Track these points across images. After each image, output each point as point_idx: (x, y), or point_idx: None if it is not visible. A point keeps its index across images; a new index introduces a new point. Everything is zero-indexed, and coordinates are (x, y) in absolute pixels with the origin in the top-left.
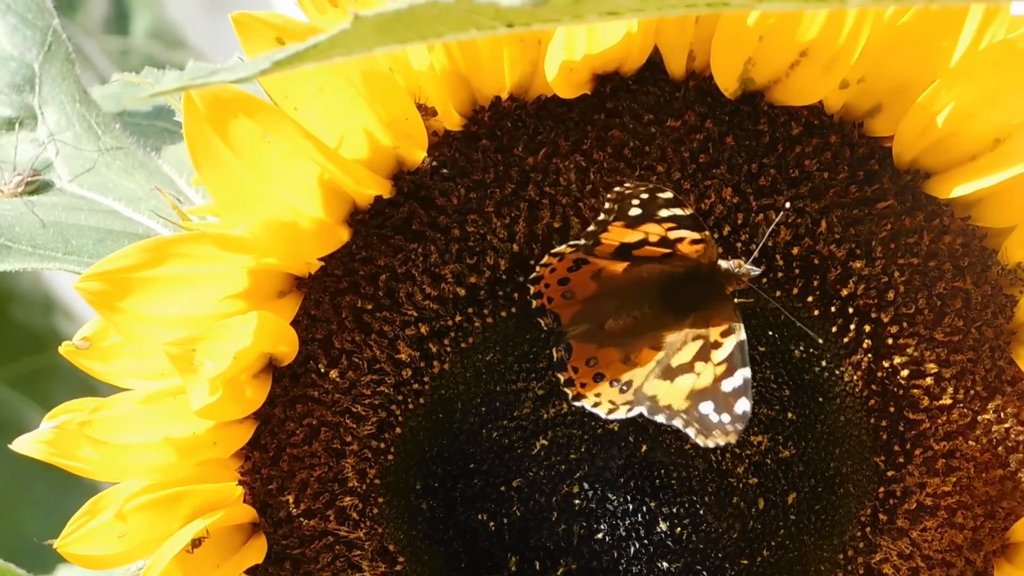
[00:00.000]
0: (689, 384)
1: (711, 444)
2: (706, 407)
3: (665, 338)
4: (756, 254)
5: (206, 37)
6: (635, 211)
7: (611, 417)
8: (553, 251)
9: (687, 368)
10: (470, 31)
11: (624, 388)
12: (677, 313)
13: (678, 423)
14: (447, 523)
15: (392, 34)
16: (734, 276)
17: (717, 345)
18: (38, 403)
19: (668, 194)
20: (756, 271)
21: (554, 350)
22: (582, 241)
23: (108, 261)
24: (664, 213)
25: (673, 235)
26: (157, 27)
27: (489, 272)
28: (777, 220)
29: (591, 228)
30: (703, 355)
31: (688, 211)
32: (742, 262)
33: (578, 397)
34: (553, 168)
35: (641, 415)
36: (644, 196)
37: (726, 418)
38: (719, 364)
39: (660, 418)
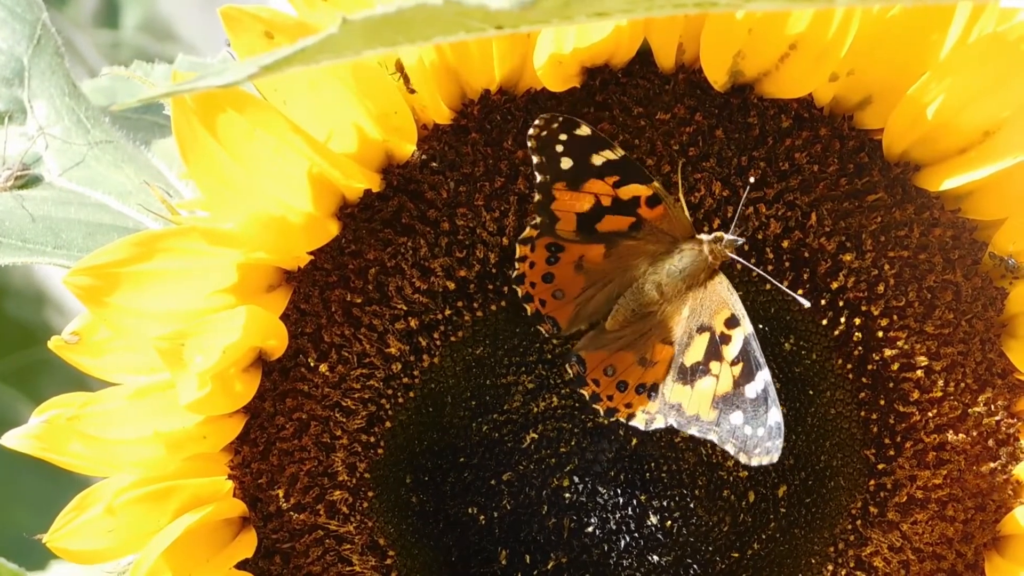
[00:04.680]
0: (710, 389)
1: (755, 463)
2: (736, 418)
3: (672, 329)
4: (735, 222)
5: (197, 30)
6: (566, 162)
7: (651, 428)
8: (520, 238)
9: (703, 370)
10: (459, 34)
11: (652, 394)
12: (673, 298)
13: (713, 438)
14: (437, 517)
15: (380, 37)
16: (717, 249)
17: (726, 339)
18: (29, 398)
19: (585, 129)
20: (739, 240)
21: (567, 366)
22: (537, 218)
23: (97, 256)
24: (597, 160)
25: (624, 193)
26: (148, 20)
27: (479, 266)
28: (750, 186)
29: (536, 197)
30: (714, 352)
31: (618, 153)
32: (723, 233)
33: (611, 412)
34: None
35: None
36: (563, 137)
37: (761, 431)
38: (734, 363)
39: (694, 431)
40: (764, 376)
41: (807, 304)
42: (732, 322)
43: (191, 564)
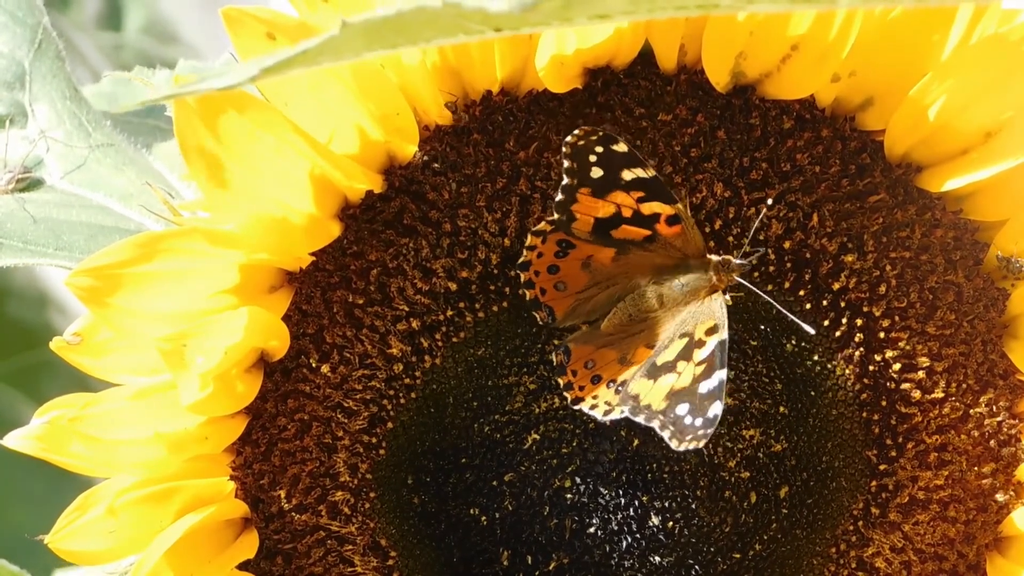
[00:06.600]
0: (669, 384)
1: (683, 448)
2: (682, 409)
3: (659, 336)
4: (747, 247)
5: (199, 32)
6: (596, 171)
7: (607, 419)
8: (534, 229)
9: (670, 367)
10: (458, 36)
11: (619, 389)
12: (670, 308)
13: (655, 424)
14: (439, 517)
15: (380, 39)
16: (724, 270)
17: (701, 344)
18: (31, 398)
19: (623, 146)
20: (746, 265)
21: (553, 355)
22: (556, 215)
23: (98, 257)
24: (627, 176)
25: (646, 209)
26: (150, 23)
27: (480, 267)
28: (763, 215)
29: (559, 197)
30: (686, 354)
31: (650, 172)
32: (731, 258)
33: (576, 400)
34: (544, 162)
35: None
36: (599, 149)
37: (699, 421)
38: (699, 364)
39: (640, 419)
40: (720, 375)
41: (811, 331)
42: (712, 330)
43: (193, 565)
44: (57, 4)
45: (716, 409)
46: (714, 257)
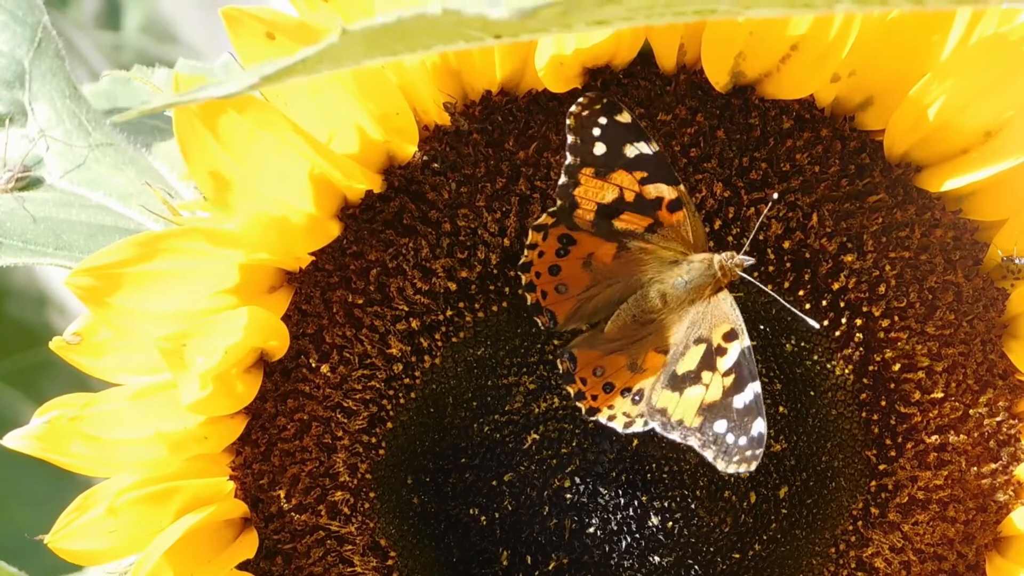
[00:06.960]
0: (698, 397)
1: (731, 470)
2: (720, 426)
3: (669, 339)
4: (747, 246)
5: (198, 31)
6: (599, 147)
7: (629, 431)
8: (535, 224)
9: (694, 378)
10: (458, 43)
11: (636, 399)
12: (675, 308)
13: (694, 443)
14: (438, 517)
15: (380, 47)
16: (726, 267)
17: (722, 351)
18: (31, 398)
19: (626, 116)
20: (749, 261)
21: (559, 362)
22: (559, 202)
23: (98, 256)
24: (630, 152)
25: (648, 192)
26: (149, 22)
27: (480, 266)
28: (765, 213)
29: (562, 179)
30: (708, 362)
31: (653, 147)
32: (734, 253)
33: (592, 411)
34: (544, 162)
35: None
36: (603, 120)
37: (743, 440)
38: (726, 374)
39: (675, 436)
40: (754, 388)
41: (816, 325)
42: (731, 335)
43: (193, 565)
44: (56, 3)
45: (760, 427)
46: (715, 254)
